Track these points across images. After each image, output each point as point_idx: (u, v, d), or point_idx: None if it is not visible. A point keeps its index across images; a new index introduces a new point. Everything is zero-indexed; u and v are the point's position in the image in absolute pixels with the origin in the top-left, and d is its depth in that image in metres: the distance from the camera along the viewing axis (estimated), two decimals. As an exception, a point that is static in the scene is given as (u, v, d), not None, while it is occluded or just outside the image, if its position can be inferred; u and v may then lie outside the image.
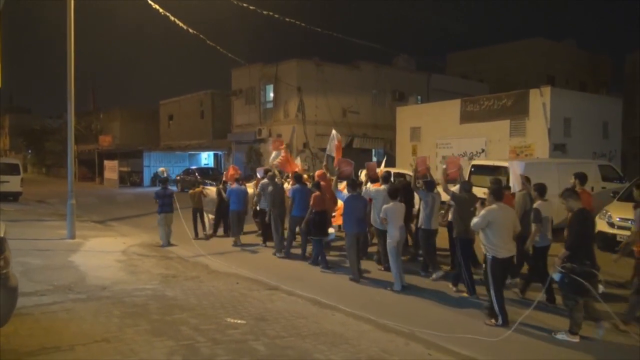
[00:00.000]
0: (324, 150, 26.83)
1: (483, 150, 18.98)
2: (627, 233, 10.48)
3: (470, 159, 18.42)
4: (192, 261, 10.09)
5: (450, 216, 8.40)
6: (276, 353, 5.26)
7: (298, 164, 13.33)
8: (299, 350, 5.35)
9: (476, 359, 5.23)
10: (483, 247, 6.48)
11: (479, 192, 13.63)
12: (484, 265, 6.72)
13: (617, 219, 10.86)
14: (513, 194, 8.40)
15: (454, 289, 7.88)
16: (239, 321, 6.20)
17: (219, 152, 35.77)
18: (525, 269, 7.94)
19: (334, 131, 12.22)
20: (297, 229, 10.58)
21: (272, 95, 28.63)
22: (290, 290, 7.84)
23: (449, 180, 8.88)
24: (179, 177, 30.51)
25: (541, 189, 7.47)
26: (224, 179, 13.42)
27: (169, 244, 11.64)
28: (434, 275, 8.58)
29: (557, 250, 6.26)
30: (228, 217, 12.54)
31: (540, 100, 17.57)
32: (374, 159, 28.36)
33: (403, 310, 6.98)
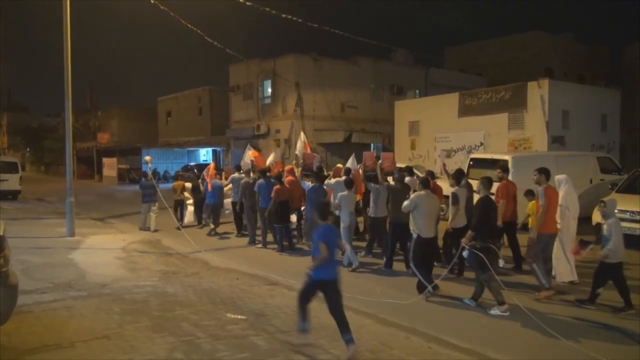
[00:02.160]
0: (322, 145, 26.94)
1: (482, 144, 18.98)
2: (626, 225, 10.57)
3: (469, 152, 18.42)
4: (191, 257, 10.11)
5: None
6: (276, 348, 5.28)
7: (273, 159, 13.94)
8: (299, 345, 5.36)
9: (475, 351, 5.24)
10: (411, 227, 7.39)
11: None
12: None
13: (616, 211, 10.86)
14: (434, 182, 9.00)
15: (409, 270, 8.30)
16: (239, 317, 6.22)
17: (218, 149, 35.73)
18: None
19: (302, 133, 14.06)
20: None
21: (270, 90, 28.58)
22: (290, 285, 7.85)
23: (385, 172, 10.15)
24: (178, 174, 30.46)
25: (458, 177, 8.46)
26: (204, 175, 13.95)
27: (147, 229, 13.16)
28: (383, 259, 9.39)
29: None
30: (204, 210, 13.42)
31: (538, 93, 17.56)
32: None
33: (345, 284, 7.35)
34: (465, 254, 6.80)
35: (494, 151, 16.28)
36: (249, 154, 13.76)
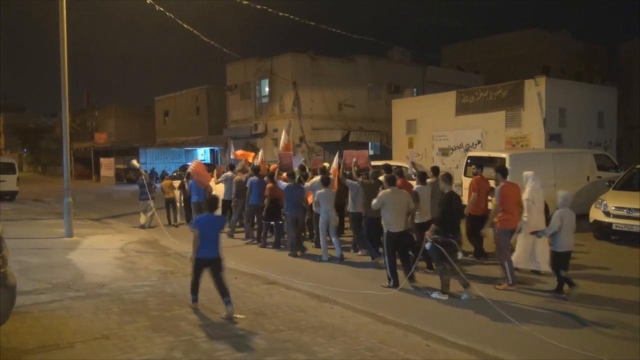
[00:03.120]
0: (320, 144, 26.94)
1: (479, 142, 18.99)
2: (623, 222, 10.62)
3: (467, 150, 18.45)
4: (190, 257, 10.07)
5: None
6: (275, 347, 5.28)
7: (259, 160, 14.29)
8: (298, 343, 5.38)
9: (473, 348, 5.26)
10: (382, 223, 7.73)
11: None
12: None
13: (613, 208, 10.92)
14: (402, 180, 9.30)
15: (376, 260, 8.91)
16: (238, 316, 6.23)
17: (215, 148, 35.70)
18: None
19: (284, 132, 14.09)
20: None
21: (267, 89, 28.56)
22: (288, 284, 7.86)
23: (360, 169, 10.69)
24: (176, 174, 30.44)
25: (422, 177, 8.97)
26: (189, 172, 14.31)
27: (143, 227, 13.70)
28: (359, 252, 10.11)
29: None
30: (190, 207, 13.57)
31: (535, 90, 17.58)
32: (371, 152, 28.38)
33: (321, 275, 8.46)
34: (427, 246, 7.19)
35: (492, 149, 16.30)
36: (234, 152, 14.52)
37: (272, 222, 10.99)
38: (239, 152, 15.18)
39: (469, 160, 13.98)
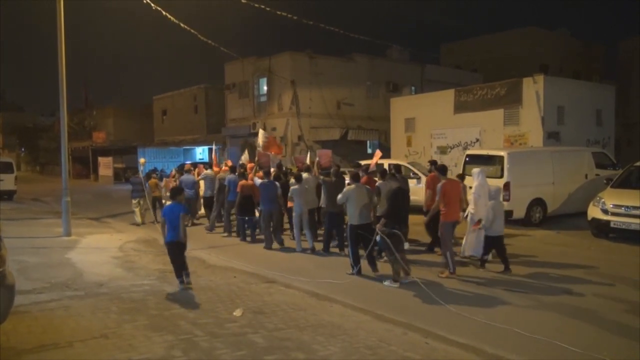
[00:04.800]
0: (318, 143, 26.92)
1: (477, 140, 18.99)
2: (621, 219, 10.66)
3: (465, 148, 18.45)
4: (189, 256, 10.02)
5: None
6: (275, 345, 5.29)
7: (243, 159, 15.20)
8: (297, 342, 5.38)
9: (470, 345, 5.27)
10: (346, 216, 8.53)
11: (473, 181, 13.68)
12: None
13: (611, 206, 10.94)
14: (369, 176, 10.16)
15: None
16: (235, 312, 6.23)
17: (214, 147, 35.63)
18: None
19: (261, 130, 15.34)
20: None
21: (265, 88, 28.51)
22: (287, 282, 7.87)
23: (322, 167, 11.48)
24: (174, 173, 30.41)
25: (383, 173, 9.73)
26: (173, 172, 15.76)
27: (136, 224, 14.32)
28: (331, 244, 10.60)
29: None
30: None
31: (533, 88, 17.58)
32: (369, 150, 28.37)
33: (290, 266, 9.09)
34: (378, 237, 7.86)
35: (490, 147, 16.32)
36: (263, 138, 14.69)
37: (246, 217, 11.58)
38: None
39: (467, 159, 14.00)
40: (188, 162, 24.18)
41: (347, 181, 10.20)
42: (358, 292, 7.43)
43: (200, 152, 37.81)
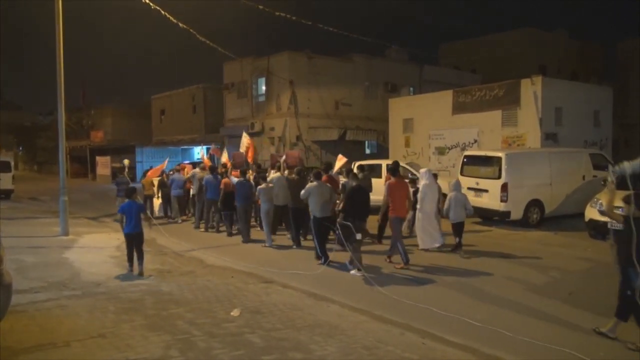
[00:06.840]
0: (317, 143, 26.93)
1: (475, 141, 19.02)
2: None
3: (463, 149, 18.48)
4: (186, 256, 10.10)
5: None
6: (272, 345, 5.29)
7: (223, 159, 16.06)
8: (294, 341, 5.38)
9: (469, 346, 5.28)
10: (310, 211, 9.35)
11: (472, 181, 13.75)
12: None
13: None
14: (328, 176, 10.74)
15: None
16: (232, 313, 6.23)
17: (212, 146, 35.60)
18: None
19: (245, 133, 16.32)
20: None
21: (264, 88, 28.50)
22: (285, 282, 7.88)
23: (289, 166, 12.40)
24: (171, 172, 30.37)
25: (347, 172, 10.51)
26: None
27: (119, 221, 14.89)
28: (308, 237, 11.17)
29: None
30: (170, 202, 15.23)
31: (531, 89, 17.60)
32: (367, 150, 28.38)
33: (262, 258, 9.75)
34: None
35: (488, 148, 16.32)
36: (245, 142, 15.65)
37: (229, 212, 12.34)
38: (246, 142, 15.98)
39: (465, 159, 14.02)
40: (186, 162, 24.26)
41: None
42: (330, 282, 7.98)
43: (198, 152, 37.76)
